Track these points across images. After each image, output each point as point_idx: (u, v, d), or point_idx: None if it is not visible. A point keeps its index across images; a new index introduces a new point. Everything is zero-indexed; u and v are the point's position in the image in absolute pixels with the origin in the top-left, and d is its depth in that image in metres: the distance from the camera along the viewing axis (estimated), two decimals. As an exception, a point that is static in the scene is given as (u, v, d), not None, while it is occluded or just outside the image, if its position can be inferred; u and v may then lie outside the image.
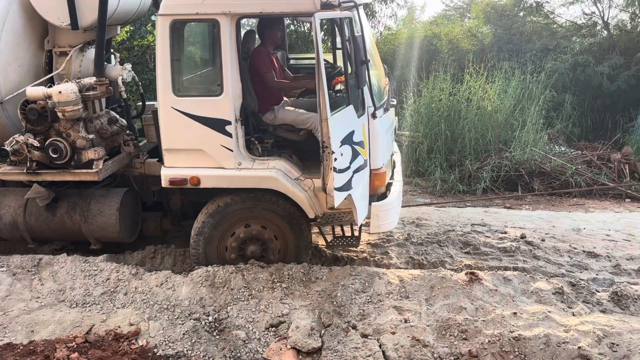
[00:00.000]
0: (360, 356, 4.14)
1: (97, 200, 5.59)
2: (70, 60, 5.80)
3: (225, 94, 4.89)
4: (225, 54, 4.82)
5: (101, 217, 5.52)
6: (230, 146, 4.99)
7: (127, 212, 5.65)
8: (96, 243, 5.70)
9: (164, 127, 5.08)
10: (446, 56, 13.71)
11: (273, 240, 5.31)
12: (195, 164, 5.10)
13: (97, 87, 5.53)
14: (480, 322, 4.32)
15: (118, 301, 4.79)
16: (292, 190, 5.04)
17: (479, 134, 10.54)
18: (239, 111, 4.98)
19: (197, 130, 4.97)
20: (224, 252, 5.32)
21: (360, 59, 4.65)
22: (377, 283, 4.85)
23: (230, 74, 4.86)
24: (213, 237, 5.27)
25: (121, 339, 4.38)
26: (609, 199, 9.37)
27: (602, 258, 6.13)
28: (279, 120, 5.43)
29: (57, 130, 5.35)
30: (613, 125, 12.59)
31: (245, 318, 4.53)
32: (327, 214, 5.23)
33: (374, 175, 5.03)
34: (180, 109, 4.96)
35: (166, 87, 4.94)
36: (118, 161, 5.64)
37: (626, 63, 13.03)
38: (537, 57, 13.34)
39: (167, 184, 5.18)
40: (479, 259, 6.05)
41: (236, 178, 5.07)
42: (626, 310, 4.69)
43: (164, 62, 4.91)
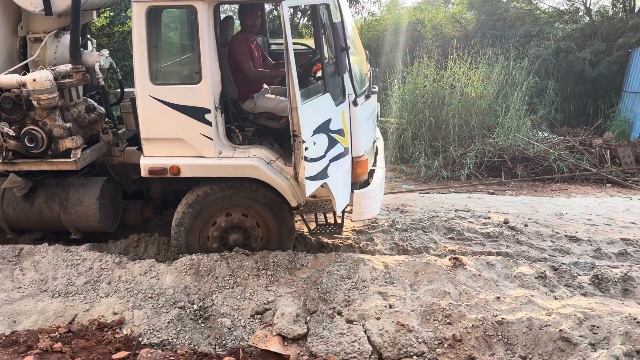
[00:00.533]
0: (346, 342, 4.17)
1: (76, 189, 5.51)
2: (45, 47, 5.65)
3: (204, 81, 4.82)
4: (203, 41, 4.74)
5: (81, 207, 5.44)
6: (210, 135, 4.93)
7: (107, 201, 5.58)
8: (76, 233, 5.63)
9: (142, 116, 4.99)
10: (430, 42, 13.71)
11: (255, 228, 5.28)
12: (175, 153, 5.04)
13: (73, 75, 5.41)
14: (464, 306, 4.36)
15: (101, 290, 4.75)
16: (274, 178, 5.01)
17: (462, 120, 10.59)
18: (219, 99, 4.91)
19: (176, 119, 4.89)
20: (206, 242, 5.29)
21: (340, 46, 4.61)
22: (362, 269, 4.87)
23: (208, 61, 4.79)
24: (194, 227, 5.23)
25: (105, 329, 4.35)
26: (591, 184, 9.49)
27: (584, 242, 6.20)
28: (259, 108, 5.37)
29: (32, 118, 5.23)
30: (595, 111, 12.74)
31: (230, 306, 4.53)
32: (309, 202, 5.21)
33: (355, 163, 5.00)
34: (159, 97, 4.88)
35: (143, 75, 4.86)
36: (96, 150, 5.55)
37: (607, 49, 13.15)
38: (520, 43, 13.41)
39: (147, 174, 5.11)
40: (462, 245, 6.09)
41: (217, 167, 5.02)
42: (606, 293, 4.76)
43: (140, 49, 4.82)
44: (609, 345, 3.92)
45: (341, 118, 4.80)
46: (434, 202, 7.97)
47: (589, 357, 3.82)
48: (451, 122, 10.48)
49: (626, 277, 4.84)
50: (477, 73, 11.23)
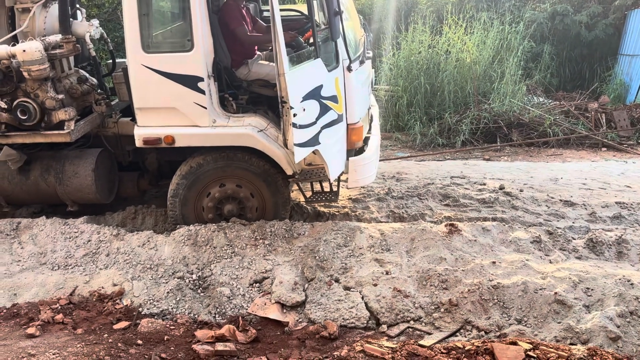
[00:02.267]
0: (344, 308, 4.22)
1: (72, 161, 5.49)
2: (34, 17, 5.55)
3: (196, 49, 4.77)
4: (194, 8, 4.68)
5: (76, 179, 5.44)
6: (203, 103, 4.90)
7: (102, 172, 5.57)
8: (73, 205, 5.64)
9: (134, 86, 4.95)
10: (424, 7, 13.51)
11: (249, 199, 5.29)
12: (169, 123, 5.01)
13: (63, 45, 5.33)
14: (460, 271, 4.41)
15: (100, 262, 4.79)
16: (269, 147, 4.99)
17: (458, 87, 10.52)
18: (212, 67, 4.87)
19: (169, 88, 4.86)
20: (201, 213, 5.30)
21: (333, 10, 4.54)
22: (358, 237, 4.90)
23: (200, 28, 4.73)
24: (189, 198, 5.24)
25: (105, 300, 4.39)
26: (586, 148, 9.50)
27: (579, 206, 6.25)
28: (253, 74, 5.31)
29: (24, 90, 5.18)
30: (591, 74, 12.65)
31: (229, 275, 4.57)
32: (305, 170, 5.20)
33: (350, 130, 4.98)
34: (151, 66, 4.83)
35: (135, 43, 4.80)
36: (90, 121, 5.51)
37: (604, 11, 12.99)
38: (515, 7, 13.23)
39: (141, 144, 5.10)
40: (458, 211, 6.13)
41: (211, 136, 5.00)
42: (601, 256, 4.81)
43: (131, 17, 4.76)
44: (602, 307, 3.99)
45: (334, 84, 4.75)
46: (430, 170, 7.99)
47: (583, 318, 3.89)
48: (446, 88, 10.41)
49: (620, 240, 4.89)
50: (473, 38, 11.11)
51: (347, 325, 4.13)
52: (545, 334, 3.87)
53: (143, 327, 4.06)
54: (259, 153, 5.05)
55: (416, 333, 4.04)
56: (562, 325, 3.87)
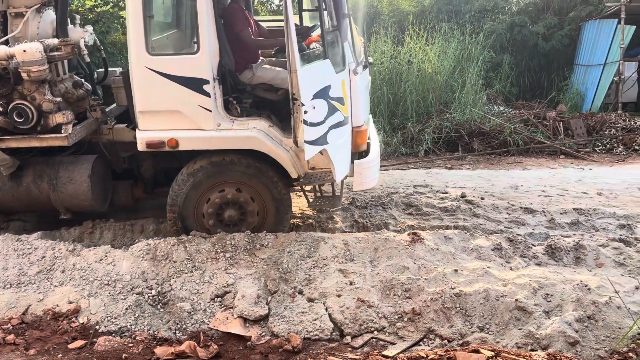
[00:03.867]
0: (307, 320, 4.18)
1: (66, 167, 5.32)
2: (27, 22, 5.42)
3: (202, 51, 4.73)
4: (201, 10, 4.65)
5: (72, 185, 5.26)
6: (208, 106, 4.84)
7: (98, 179, 5.41)
8: (66, 212, 5.46)
9: (137, 88, 4.87)
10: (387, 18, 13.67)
11: (250, 203, 5.19)
12: (172, 126, 4.93)
13: (61, 48, 5.20)
14: (423, 280, 4.42)
15: (55, 279, 4.63)
16: (274, 150, 4.94)
17: (420, 97, 10.65)
18: (217, 70, 4.82)
19: (174, 91, 4.79)
20: (202, 219, 5.20)
21: (342, 12, 4.60)
22: (322, 247, 4.87)
23: (206, 31, 4.69)
24: (188, 205, 5.14)
25: (60, 318, 4.25)
26: (545, 156, 9.71)
27: (538, 213, 6.36)
28: (257, 78, 5.27)
29: (20, 93, 5.02)
30: (549, 84, 12.97)
31: (189, 290, 4.48)
32: (308, 173, 5.16)
33: (355, 133, 4.99)
34: (155, 68, 4.77)
35: (139, 45, 4.73)
36: (86, 126, 5.36)
37: (560, 23, 13.37)
38: (475, 18, 13.50)
39: (144, 148, 4.99)
40: (421, 219, 6.17)
41: (216, 139, 4.94)
42: (560, 262, 4.89)
43: (136, 19, 4.68)
44: (561, 312, 4.04)
45: (341, 86, 4.76)
46: (393, 179, 8.03)
47: (543, 324, 3.94)
48: (409, 98, 10.52)
49: (578, 246, 4.98)
50: (434, 49, 11.28)
51: (310, 337, 4.08)
52: (507, 341, 3.90)
53: (100, 346, 3.93)
54: (261, 157, 4.99)
55: (380, 343, 4.02)
56: (523, 332, 3.91)
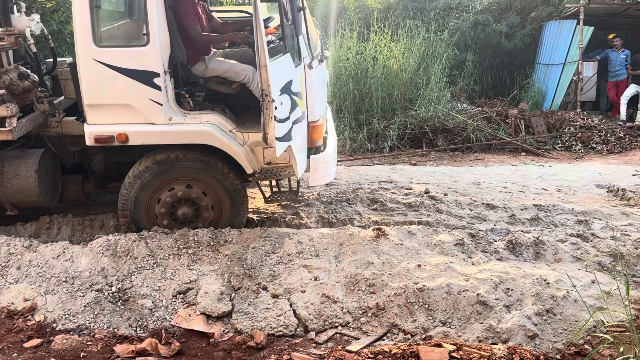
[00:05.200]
0: (271, 316, 4.15)
1: (12, 162, 5.13)
2: None
3: (152, 44, 4.62)
4: (150, 1, 4.53)
5: (17, 180, 5.08)
6: (159, 100, 4.73)
7: (46, 174, 5.23)
8: (12, 209, 5.27)
9: (85, 81, 4.72)
10: (352, 14, 13.69)
11: (203, 199, 5.10)
12: (122, 120, 4.80)
13: (4, 38, 5.00)
14: (387, 275, 4.45)
15: (10, 276, 4.48)
16: (228, 144, 4.86)
17: (385, 93, 10.71)
18: (168, 62, 4.70)
19: (123, 84, 4.67)
20: (155, 218, 5.10)
21: (297, 6, 4.53)
22: (287, 243, 4.85)
23: (156, 22, 4.58)
24: (141, 203, 5.02)
25: (15, 316, 4.11)
26: (507, 153, 9.90)
27: (500, 209, 6.47)
28: (210, 71, 5.17)
29: None
30: (511, 82, 13.22)
31: (150, 287, 4.39)
32: (265, 169, 5.07)
33: (311, 128, 4.94)
34: (103, 60, 4.63)
35: (86, 37, 4.58)
36: (32, 119, 5.15)
37: (522, 22, 13.63)
38: (440, 16, 13.65)
39: (92, 142, 4.85)
40: (385, 215, 6.20)
41: (168, 133, 4.83)
42: (520, 257, 4.99)
43: (82, 9, 4.54)
44: (521, 306, 4.12)
45: (299, 81, 4.70)
46: (359, 175, 8.05)
47: (504, 318, 4.00)
48: (374, 94, 10.57)
49: (537, 241, 5.09)
50: (399, 45, 11.35)
51: (274, 334, 4.06)
52: (469, 335, 3.95)
53: (57, 344, 3.82)
54: (209, 150, 4.89)
55: (344, 339, 4.03)
56: (484, 326, 3.97)
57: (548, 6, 13.57)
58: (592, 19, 11.95)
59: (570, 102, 11.88)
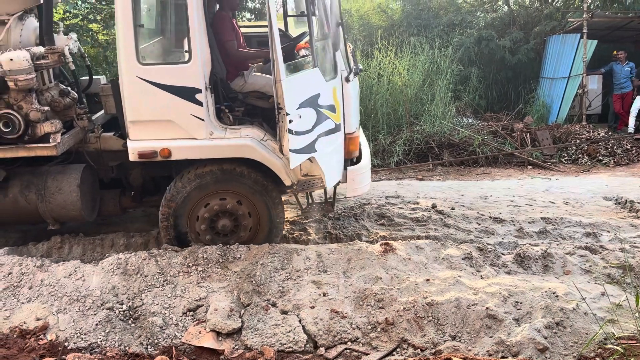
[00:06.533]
0: (281, 332, 4.16)
1: (54, 177, 5.22)
2: (9, 30, 5.30)
3: (194, 60, 4.72)
4: (192, 19, 4.64)
5: (60, 195, 5.16)
6: (201, 115, 4.82)
7: (86, 189, 5.32)
8: (54, 223, 5.35)
9: (128, 98, 4.81)
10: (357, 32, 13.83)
11: (241, 210, 5.18)
12: (164, 136, 4.90)
13: (48, 56, 5.10)
14: (395, 290, 4.45)
15: (22, 296, 4.52)
16: (268, 157, 4.93)
17: (390, 109, 10.78)
18: (209, 78, 4.80)
19: (166, 100, 4.76)
20: (195, 222, 5.17)
21: (337, 21, 4.66)
22: (295, 259, 4.87)
23: (198, 39, 4.69)
24: (182, 216, 5.11)
25: (27, 335, 4.14)
26: (513, 166, 9.91)
27: (507, 223, 6.47)
28: (248, 86, 5.27)
29: (6, 102, 4.92)
30: (516, 96, 13.28)
31: (161, 304, 4.42)
32: (302, 180, 5.16)
33: (348, 140, 5.03)
34: (146, 77, 4.73)
35: (129, 54, 4.68)
36: (74, 135, 5.26)
37: (525, 37, 13.72)
38: (444, 32, 13.76)
39: (136, 158, 4.93)
40: (393, 230, 6.22)
41: (209, 148, 4.91)
42: (528, 270, 4.98)
43: (126, 28, 4.64)
44: (531, 319, 4.11)
45: (332, 94, 4.79)
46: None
47: (514, 331, 4.00)
48: (380, 110, 10.64)
49: (546, 254, 5.08)
50: (403, 62, 11.45)
51: (284, 350, 4.06)
52: (479, 349, 3.94)
53: (69, 363, 3.84)
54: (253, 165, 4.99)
55: (354, 354, 4.03)
56: (494, 339, 3.96)
57: (551, 21, 13.67)
58: (596, 33, 12.01)
59: (576, 115, 11.91)
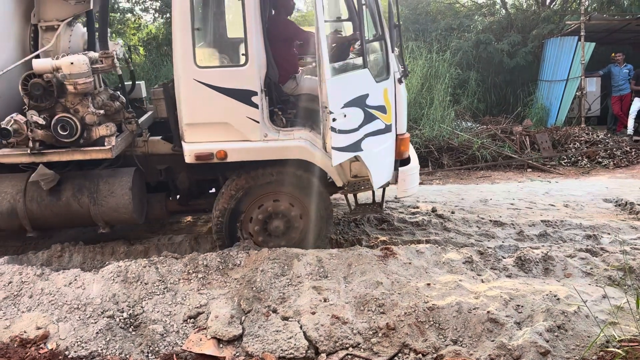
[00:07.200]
0: (282, 339, 4.15)
1: (106, 180, 5.26)
2: (59, 36, 5.38)
3: (251, 63, 4.80)
4: (250, 23, 4.72)
5: (113, 198, 5.20)
6: (256, 118, 4.89)
7: (137, 192, 5.37)
8: (105, 226, 5.38)
9: (185, 101, 4.89)
10: (356, 37, 13.85)
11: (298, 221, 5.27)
12: (219, 138, 4.97)
13: (102, 60, 5.16)
14: (396, 295, 4.44)
15: (23, 305, 4.51)
16: (320, 159, 5.00)
17: (390, 113, 10.76)
18: (264, 81, 4.88)
19: (222, 103, 4.84)
20: (248, 223, 5.26)
21: (393, 23, 4.76)
22: (296, 265, 4.86)
23: (255, 42, 4.77)
24: (245, 203, 5.19)
25: (28, 344, 4.13)
26: (513, 169, 9.91)
27: (507, 226, 6.47)
28: (300, 89, 5.35)
29: (63, 106, 4.97)
30: (514, 99, 13.29)
31: (161, 312, 4.41)
32: (352, 181, 5.24)
33: (399, 140, 5.10)
34: (204, 80, 4.80)
35: (187, 58, 4.75)
36: (124, 139, 5.32)
37: (523, 40, 13.75)
38: (442, 36, 13.79)
39: (193, 160, 5.00)
40: (393, 235, 6.22)
41: (264, 150, 4.98)
42: (529, 273, 4.98)
43: (184, 31, 4.72)
44: (532, 322, 4.10)
45: (383, 95, 4.86)
46: (365, 195, 8.07)
47: (515, 335, 3.99)
48: (379, 115, 10.63)
49: (546, 257, 5.08)
50: (402, 66, 11.45)
51: (285, 356, 4.05)
52: (480, 353, 3.93)
53: (70, 372, 3.84)
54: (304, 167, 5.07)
55: (355, 360, 4.02)
56: (495, 343, 3.95)
57: (549, 24, 13.70)
58: (593, 35, 12.04)
59: (575, 118, 11.91)
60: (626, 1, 13.78)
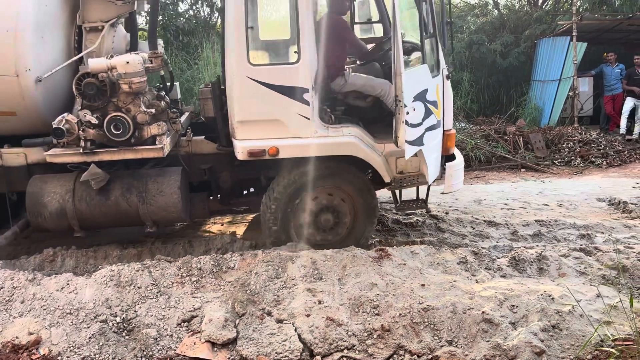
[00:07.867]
0: (276, 341, 4.13)
1: (155, 179, 5.27)
2: (104, 37, 5.41)
3: (304, 61, 4.85)
4: (303, 21, 4.77)
5: (162, 197, 5.21)
6: (308, 115, 4.94)
7: (184, 191, 5.39)
8: (152, 225, 5.38)
9: (238, 99, 4.94)
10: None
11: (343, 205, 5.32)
12: (270, 135, 5.02)
13: (152, 60, 5.19)
14: (391, 296, 4.43)
15: (14, 310, 4.47)
16: (370, 155, 5.07)
17: (383, 114, 10.78)
18: (315, 78, 4.92)
19: (275, 100, 4.90)
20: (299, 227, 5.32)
21: (446, 20, 4.90)
22: (290, 267, 4.85)
23: (307, 41, 4.81)
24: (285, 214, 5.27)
25: (20, 350, 4.10)
26: (506, 170, 9.93)
27: (501, 226, 6.48)
28: (348, 86, 5.37)
29: (115, 105, 4.99)
30: (508, 100, 13.32)
31: (155, 316, 4.38)
32: (397, 177, 5.28)
33: (446, 136, 5.19)
34: (256, 78, 4.85)
35: (240, 56, 4.80)
36: (173, 138, 5.33)
37: (516, 41, 13.79)
38: (435, 37, 13.80)
39: (246, 156, 5.04)
40: (388, 236, 6.22)
41: (315, 146, 5.02)
42: (523, 273, 4.98)
43: (238, 29, 4.77)
44: (527, 322, 4.10)
45: (435, 91, 4.95)
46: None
47: (510, 335, 3.99)
48: (373, 116, 10.64)
49: (540, 257, 5.08)
50: (396, 67, 11.46)
51: (280, 359, 4.03)
52: (476, 354, 3.92)
53: (62, 377, 3.81)
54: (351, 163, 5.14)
55: (350, 362, 4.00)
56: (490, 344, 3.94)
57: (541, 24, 13.75)
58: (585, 35, 12.09)
59: (568, 118, 11.95)
60: (617, 1, 13.86)
